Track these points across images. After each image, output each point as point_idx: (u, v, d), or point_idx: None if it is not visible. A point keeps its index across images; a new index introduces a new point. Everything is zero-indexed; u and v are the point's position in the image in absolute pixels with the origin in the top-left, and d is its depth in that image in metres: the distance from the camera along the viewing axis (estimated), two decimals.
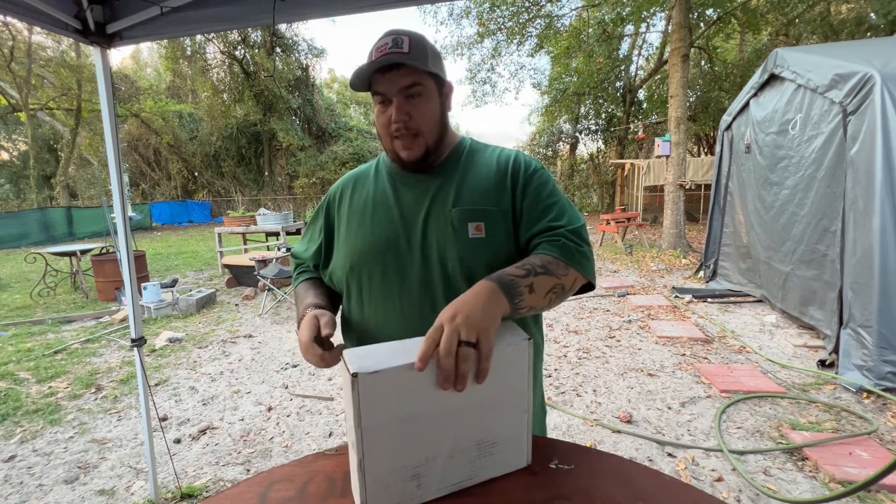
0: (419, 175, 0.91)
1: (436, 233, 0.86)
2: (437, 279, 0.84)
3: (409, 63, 0.80)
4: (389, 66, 0.80)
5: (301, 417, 2.82)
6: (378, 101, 0.85)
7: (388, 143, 0.87)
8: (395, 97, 0.82)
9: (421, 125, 0.84)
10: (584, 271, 0.81)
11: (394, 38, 0.81)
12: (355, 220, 0.93)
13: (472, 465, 0.66)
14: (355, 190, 0.97)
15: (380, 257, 0.87)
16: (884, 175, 2.97)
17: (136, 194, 21.39)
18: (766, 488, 2.01)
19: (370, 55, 0.83)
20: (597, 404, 2.86)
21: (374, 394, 0.58)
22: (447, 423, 0.63)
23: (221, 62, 19.98)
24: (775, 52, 4.55)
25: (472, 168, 0.92)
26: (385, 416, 0.59)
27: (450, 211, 0.86)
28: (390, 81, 0.81)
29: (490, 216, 0.85)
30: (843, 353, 3.09)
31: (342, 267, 0.92)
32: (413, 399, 0.60)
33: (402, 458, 0.61)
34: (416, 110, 0.83)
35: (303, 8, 1.62)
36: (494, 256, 0.84)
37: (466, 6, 12.52)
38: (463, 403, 0.63)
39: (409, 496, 0.63)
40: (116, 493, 2.13)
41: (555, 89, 16.73)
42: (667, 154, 8.56)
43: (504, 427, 0.67)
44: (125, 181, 1.98)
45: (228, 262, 6.65)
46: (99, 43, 1.72)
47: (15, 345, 4.19)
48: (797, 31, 13.42)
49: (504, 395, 0.66)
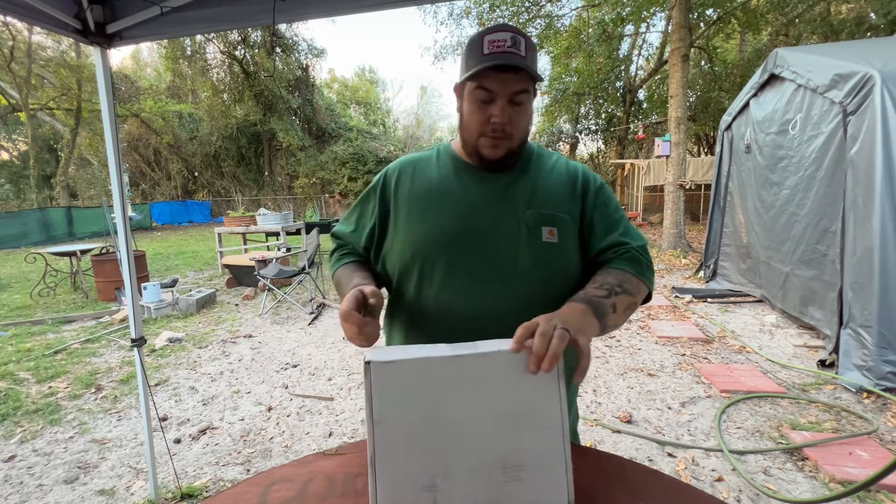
0: (491, 173, 0.91)
1: (506, 231, 0.86)
2: (504, 277, 0.84)
3: (528, 69, 0.79)
4: (506, 66, 0.79)
5: (301, 417, 2.82)
6: (481, 95, 0.82)
7: (474, 137, 0.86)
8: (501, 97, 0.81)
9: (515, 130, 0.84)
10: (651, 285, 0.88)
11: (512, 37, 0.79)
12: (417, 206, 0.90)
13: (497, 490, 0.60)
14: (416, 175, 0.94)
15: (444, 247, 0.86)
16: (884, 175, 2.97)
17: (136, 194, 21.38)
18: (766, 488, 2.01)
19: (481, 45, 0.80)
20: (597, 404, 2.86)
21: (387, 386, 0.56)
22: (468, 432, 0.59)
23: (221, 62, 19.98)
24: (775, 52, 4.55)
25: (543, 172, 0.93)
26: (399, 413, 0.57)
27: (524, 213, 0.87)
28: (503, 82, 0.80)
29: (562, 222, 0.87)
30: (843, 353, 3.09)
31: (401, 252, 0.90)
32: (430, 398, 0.58)
33: (417, 462, 0.58)
34: (517, 116, 0.83)
35: (303, 8, 1.62)
36: (565, 262, 0.87)
37: (466, 6, 12.52)
38: (486, 412, 0.59)
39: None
40: (116, 493, 2.13)
41: (555, 89, 16.74)
42: (667, 154, 8.57)
43: (533, 448, 0.61)
44: (125, 181, 1.98)
45: (228, 262, 6.65)
46: (99, 43, 1.72)
47: (15, 345, 4.19)
48: (797, 31, 13.43)
49: (534, 412, 0.61)
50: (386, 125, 31.47)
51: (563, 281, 0.87)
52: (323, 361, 3.73)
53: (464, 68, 0.84)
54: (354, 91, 31.49)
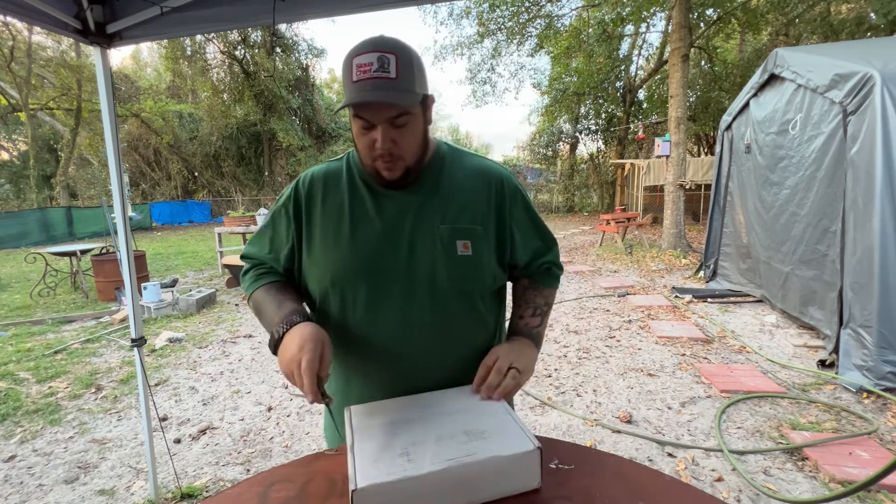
0: (399, 190, 0.88)
1: (423, 249, 0.85)
2: (425, 294, 0.85)
3: (396, 101, 0.74)
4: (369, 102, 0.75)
5: (301, 417, 2.82)
6: (360, 123, 0.78)
7: (369, 161, 0.82)
8: (380, 124, 0.77)
9: (405, 151, 0.81)
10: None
11: (379, 58, 0.73)
12: (331, 229, 0.88)
13: (464, 447, 0.67)
14: (327, 192, 0.90)
15: (365, 274, 0.85)
16: (884, 175, 2.97)
17: (136, 194, 21.35)
18: (766, 488, 2.01)
19: (350, 69, 0.74)
20: (597, 404, 2.86)
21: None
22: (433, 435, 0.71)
23: (221, 62, 19.99)
24: (775, 52, 4.55)
25: (454, 182, 0.90)
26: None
27: (438, 227, 0.86)
28: (376, 111, 0.75)
29: (476, 235, 0.87)
30: (843, 353, 3.09)
31: (320, 279, 0.88)
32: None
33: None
34: (401, 138, 0.79)
35: (303, 8, 1.62)
36: (481, 273, 0.89)
37: (466, 6, 12.52)
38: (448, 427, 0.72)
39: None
40: (116, 493, 2.13)
41: (555, 89, 16.73)
42: (667, 154, 8.56)
43: (490, 425, 0.72)
44: (125, 181, 1.98)
45: (228, 262, 6.65)
46: (99, 43, 1.72)
47: (15, 345, 4.19)
48: (797, 31, 13.42)
49: (485, 419, 0.74)
50: None
51: (480, 291, 0.90)
52: None
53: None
54: None
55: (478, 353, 0.89)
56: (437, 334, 0.87)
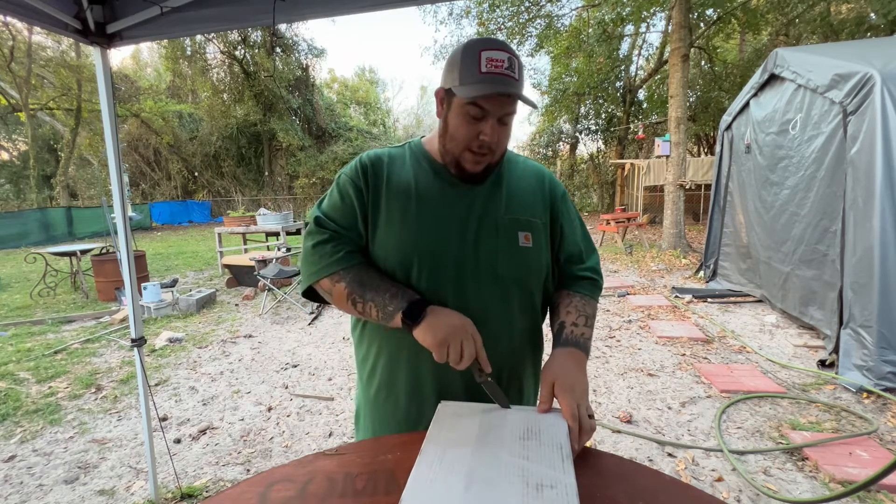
0: (466, 183, 0.92)
1: (486, 238, 0.89)
2: (486, 282, 0.88)
3: (523, 100, 0.83)
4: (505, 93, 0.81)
5: (301, 417, 2.82)
6: (472, 112, 0.82)
7: (459, 150, 0.86)
8: (492, 116, 0.82)
9: (500, 147, 0.88)
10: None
11: (509, 58, 0.80)
12: (398, 208, 0.89)
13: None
14: (392, 173, 0.92)
15: (429, 256, 0.87)
16: (884, 175, 2.97)
17: (136, 194, 21.36)
18: (766, 488, 2.01)
19: (478, 61, 0.79)
20: (597, 404, 2.86)
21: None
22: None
23: (221, 62, 19.98)
24: (775, 52, 4.55)
25: (514, 179, 0.97)
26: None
27: (502, 218, 0.90)
28: (499, 104, 0.81)
29: (535, 227, 0.93)
30: (843, 353, 3.09)
31: (384, 259, 0.89)
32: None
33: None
34: (503, 135, 0.87)
35: (303, 8, 1.62)
36: (539, 266, 0.94)
37: (466, 6, 12.53)
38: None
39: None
40: (116, 493, 2.13)
41: (555, 89, 16.74)
42: (667, 154, 8.56)
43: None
44: (125, 181, 1.98)
45: (228, 262, 6.65)
46: (99, 43, 1.72)
47: (15, 345, 4.19)
48: (797, 31, 13.42)
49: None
50: (386, 125, 31.47)
51: (537, 281, 0.95)
52: (323, 361, 3.73)
53: (455, 78, 0.82)
54: (354, 91, 31.50)
55: (527, 344, 0.95)
56: (495, 322, 0.88)
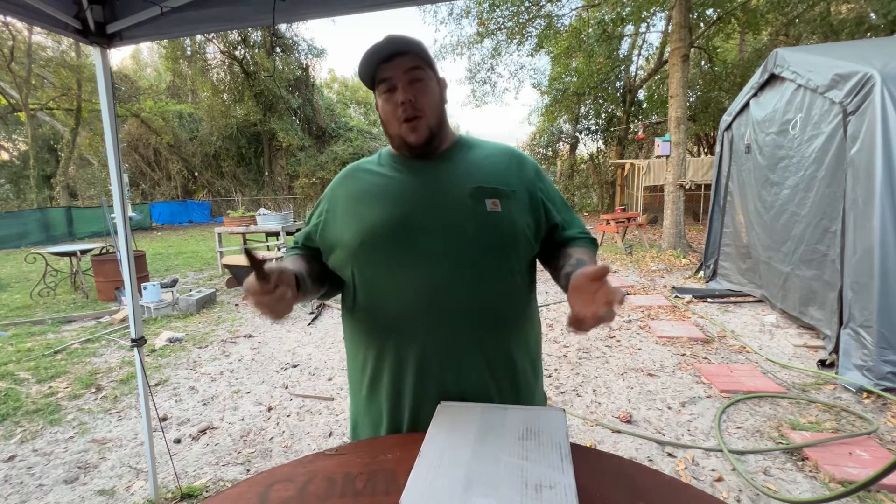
0: (425, 161, 0.95)
1: (452, 207, 0.89)
2: (455, 248, 0.87)
3: (412, 49, 0.88)
4: (393, 55, 0.88)
5: (301, 417, 2.82)
6: (384, 89, 0.89)
7: (396, 128, 0.90)
8: (399, 81, 0.87)
9: (424, 107, 0.89)
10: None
11: (387, 35, 0.88)
12: (358, 203, 0.94)
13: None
14: (358, 177, 0.99)
15: (391, 233, 0.88)
16: (884, 175, 2.97)
17: (136, 194, 21.35)
18: (766, 488, 2.01)
19: (369, 57, 0.89)
20: (597, 404, 2.86)
21: None
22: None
23: (221, 62, 19.97)
24: (775, 52, 4.55)
25: (478, 156, 0.97)
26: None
27: (467, 187, 0.90)
28: (395, 66, 0.87)
29: (504, 194, 0.91)
30: (843, 353, 3.09)
31: (348, 244, 0.91)
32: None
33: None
34: (419, 94, 0.88)
35: (303, 8, 1.62)
36: (512, 230, 0.90)
37: (466, 6, 12.52)
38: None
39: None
40: (116, 493, 2.13)
41: (555, 89, 16.73)
42: (667, 154, 8.56)
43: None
44: (125, 181, 1.98)
45: (228, 262, 6.65)
46: (99, 43, 1.72)
47: (15, 345, 4.19)
48: (797, 31, 13.41)
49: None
50: None
51: (513, 250, 0.90)
52: (323, 361, 3.73)
53: (365, 81, 0.93)
54: (354, 91, 31.50)
55: (511, 314, 0.91)
56: (469, 290, 0.87)
